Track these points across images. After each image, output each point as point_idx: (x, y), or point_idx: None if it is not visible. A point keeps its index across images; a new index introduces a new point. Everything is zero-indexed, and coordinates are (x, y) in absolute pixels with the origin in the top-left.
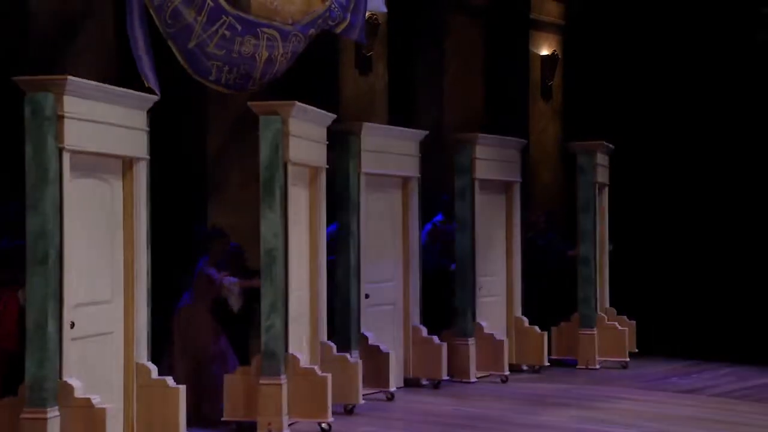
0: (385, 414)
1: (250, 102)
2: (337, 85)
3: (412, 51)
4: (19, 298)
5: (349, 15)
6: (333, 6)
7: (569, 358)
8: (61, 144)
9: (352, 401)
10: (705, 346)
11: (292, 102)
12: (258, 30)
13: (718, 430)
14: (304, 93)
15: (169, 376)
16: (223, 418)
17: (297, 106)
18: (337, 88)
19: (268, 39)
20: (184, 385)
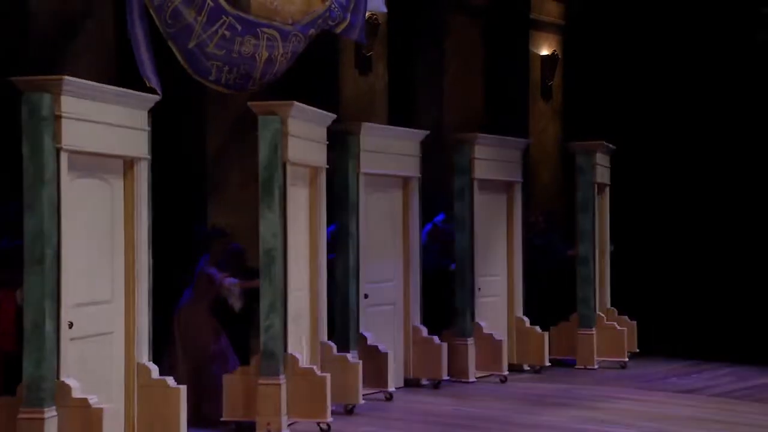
0: (385, 414)
1: (249, 102)
2: (337, 85)
3: (412, 51)
4: (17, 298)
5: (349, 15)
6: (333, 6)
7: (568, 358)
8: (58, 144)
9: (352, 401)
10: (705, 346)
11: (291, 102)
12: (258, 30)
13: (718, 430)
14: (304, 93)
15: (170, 377)
16: (223, 418)
17: (296, 106)
18: (337, 88)
19: (268, 39)
20: (185, 384)
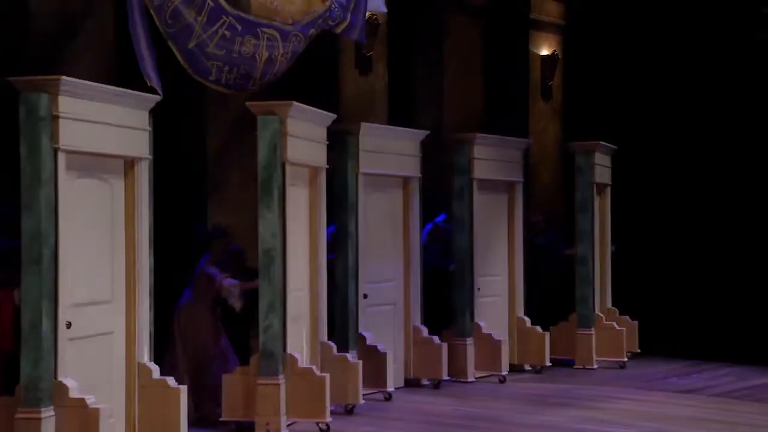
0: (385, 414)
1: (248, 102)
2: (337, 85)
3: (412, 51)
4: (15, 298)
5: (349, 15)
6: (333, 6)
7: (567, 358)
8: (56, 144)
9: (352, 401)
10: (705, 346)
11: (290, 102)
12: (258, 30)
13: (718, 430)
14: (304, 93)
15: (170, 377)
16: (222, 418)
17: (295, 106)
18: (337, 88)
19: (268, 39)
20: (186, 384)
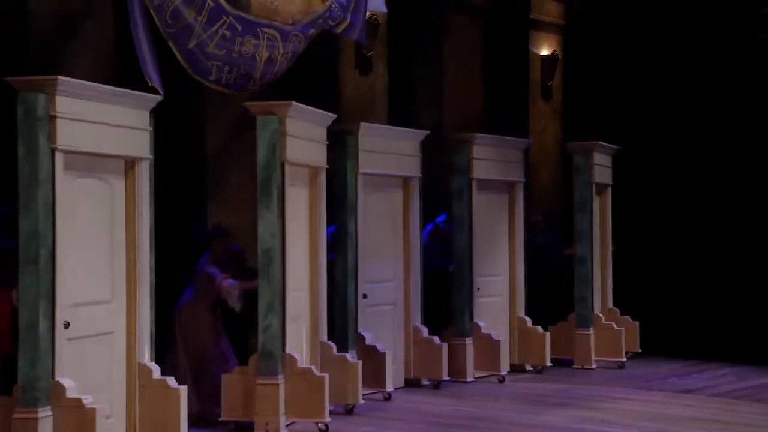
0: (385, 414)
1: (247, 102)
2: (337, 85)
3: (412, 51)
4: (13, 298)
5: (349, 15)
6: (333, 6)
7: (566, 358)
8: (53, 144)
9: (352, 401)
10: (705, 346)
11: (289, 102)
12: (258, 30)
13: (718, 430)
14: (304, 93)
15: (171, 377)
16: (221, 418)
17: (294, 106)
18: (337, 88)
19: (268, 39)
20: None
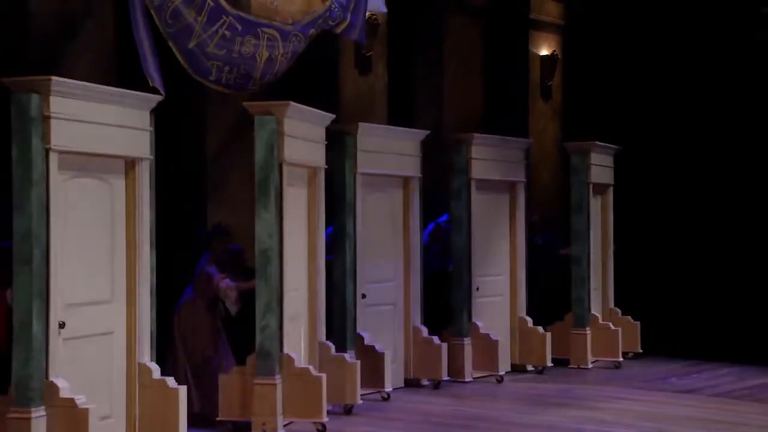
0: (384, 414)
1: (246, 102)
2: (337, 85)
3: (412, 51)
4: (7, 298)
5: (349, 15)
6: (333, 6)
7: (563, 358)
8: (47, 144)
9: (351, 401)
10: (705, 346)
11: (287, 102)
12: (258, 30)
13: (718, 430)
14: (304, 93)
15: (170, 377)
16: (219, 418)
17: (292, 107)
18: (336, 88)
19: (268, 39)
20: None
